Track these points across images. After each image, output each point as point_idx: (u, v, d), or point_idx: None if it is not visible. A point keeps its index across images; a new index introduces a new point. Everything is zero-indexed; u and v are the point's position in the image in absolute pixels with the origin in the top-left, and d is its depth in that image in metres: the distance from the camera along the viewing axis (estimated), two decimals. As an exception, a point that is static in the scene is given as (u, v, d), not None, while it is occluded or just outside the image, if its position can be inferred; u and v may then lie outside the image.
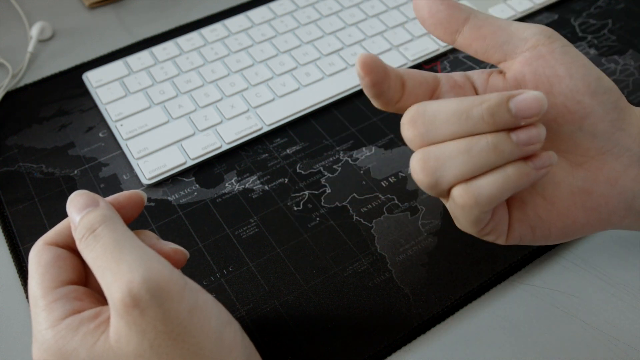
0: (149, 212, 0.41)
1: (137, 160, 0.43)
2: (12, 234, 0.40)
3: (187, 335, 0.24)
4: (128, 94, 0.48)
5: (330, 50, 0.50)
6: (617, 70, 0.49)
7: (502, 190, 0.29)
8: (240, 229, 0.40)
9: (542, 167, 0.29)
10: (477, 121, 0.28)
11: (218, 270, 0.38)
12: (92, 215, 0.27)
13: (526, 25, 0.32)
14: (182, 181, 0.43)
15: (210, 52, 0.51)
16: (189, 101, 0.47)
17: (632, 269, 0.37)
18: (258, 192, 0.42)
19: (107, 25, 0.55)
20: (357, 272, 0.37)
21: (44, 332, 0.25)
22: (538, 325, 0.35)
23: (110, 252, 0.25)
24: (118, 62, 0.50)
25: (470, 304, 0.36)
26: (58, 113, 0.48)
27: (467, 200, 0.29)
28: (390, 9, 0.54)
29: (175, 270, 0.25)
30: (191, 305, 0.25)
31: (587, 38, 0.52)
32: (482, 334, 0.35)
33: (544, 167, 0.29)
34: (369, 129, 0.46)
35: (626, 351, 0.34)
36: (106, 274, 0.25)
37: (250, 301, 0.36)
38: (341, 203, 0.41)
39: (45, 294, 0.26)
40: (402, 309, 0.35)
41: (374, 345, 0.34)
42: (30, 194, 0.42)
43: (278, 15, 0.54)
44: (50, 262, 0.27)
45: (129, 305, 0.24)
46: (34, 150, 0.45)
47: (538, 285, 0.37)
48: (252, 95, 0.47)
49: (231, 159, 0.44)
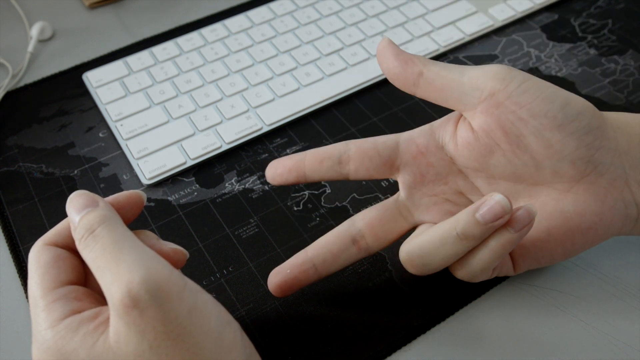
0: (149, 212, 0.41)
1: (137, 160, 0.43)
2: (12, 234, 0.40)
3: (187, 335, 0.24)
4: (128, 94, 0.48)
5: (330, 50, 0.50)
6: (617, 70, 0.49)
7: (492, 261, 0.31)
8: (240, 229, 0.40)
9: (522, 227, 0.29)
10: (458, 241, 0.30)
11: (218, 270, 0.38)
12: (92, 215, 0.27)
13: (480, 71, 0.32)
14: (182, 181, 0.43)
15: (210, 52, 0.51)
16: (189, 101, 0.47)
17: (632, 269, 0.37)
18: (258, 192, 0.42)
19: (107, 25, 0.55)
20: (357, 272, 0.37)
21: (44, 332, 0.25)
22: (538, 325, 0.35)
23: (110, 252, 0.25)
24: (118, 62, 0.50)
25: (470, 304, 0.36)
26: (58, 113, 0.48)
27: (465, 275, 0.32)
28: (390, 9, 0.54)
29: (174, 271, 0.25)
30: (191, 305, 0.25)
31: (587, 38, 0.52)
32: (482, 334, 0.35)
33: (525, 226, 0.29)
34: (369, 129, 0.46)
35: (626, 351, 0.34)
36: (105, 274, 0.25)
37: (250, 301, 0.36)
38: (341, 203, 0.41)
39: (45, 294, 0.26)
40: (402, 309, 0.35)
41: (374, 345, 0.34)
42: (30, 194, 0.42)
43: (278, 15, 0.54)
44: (49, 262, 0.27)
45: (128, 306, 0.24)
46: (34, 150, 0.45)
47: (538, 285, 0.37)
48: (252, 95, 0.47)
49: (231, 159, 0.44)
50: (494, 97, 0.31)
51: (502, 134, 0.31)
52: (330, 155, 0.34)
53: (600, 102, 0.46)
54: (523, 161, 0.32)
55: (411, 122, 0.46)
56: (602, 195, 0.32)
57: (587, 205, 0.32)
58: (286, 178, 0.35)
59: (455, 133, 0.33)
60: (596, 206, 0.32)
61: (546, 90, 0.31)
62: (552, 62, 0.50)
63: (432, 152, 0.34)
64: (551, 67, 0.50)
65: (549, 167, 0.32)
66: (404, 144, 0.34)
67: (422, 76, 0.32)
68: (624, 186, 0.32)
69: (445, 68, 0.32)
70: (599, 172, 0.31)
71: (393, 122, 0.46)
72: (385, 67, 0.34)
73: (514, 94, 0.31)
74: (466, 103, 0.32)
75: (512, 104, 0.31)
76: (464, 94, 0.32)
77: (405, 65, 0.33)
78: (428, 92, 0.33)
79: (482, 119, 0.32)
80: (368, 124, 0.46)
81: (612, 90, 0.47)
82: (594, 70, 0.49)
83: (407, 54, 0.33)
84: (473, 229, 0.29)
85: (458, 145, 0.33)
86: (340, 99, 0.48)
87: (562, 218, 0.32)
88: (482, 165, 0.33)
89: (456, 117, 0.34)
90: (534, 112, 0.31)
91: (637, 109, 0.46)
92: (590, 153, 0.31)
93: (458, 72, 0.32)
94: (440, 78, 0.32)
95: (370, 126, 0.46)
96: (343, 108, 0.47)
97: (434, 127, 0.34)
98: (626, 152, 0.32)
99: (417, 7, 0.54)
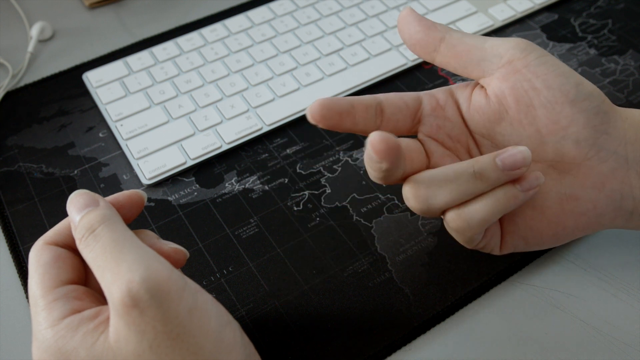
0: (149, 212, 0.41)
1: (137, 160, 0.43)
2: (12, 234, 0.40)
3: (187, 335, 0.24)
4: (128, 94, 0.48)
5: (330, 50, 0.50)
6: (617, 70, 0.49)
7: (492, 214, 0.31)
8: (240, 229, 0.40)
9: (529, 188, 0.30)
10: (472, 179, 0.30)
11: (218, 270, 0.38)
12: (92, 215, 0.27)
13: (501, 40, 0.33)
14: (182, 181, 0.43)
15: (210, 52, 0.51)
16: (189, 101, 0.47)
17: (632, 269, 0.37)
18: (258, 192, 0.42)
19: (107, 25, 0.55)
20: (357, 272, 0.37)
21: (44, 331, 0.25)
22: (538, 325, 0.35)
23: (110, 252, 0.25)
24: (118, 62, 0.50)
25: (470, 304, 0.36)
26: (58, 113, 0.48)
27: (460, 224, 0.31)
28: (390, 9, 0.54)
29: (175, 271, 0.25)
30: (190, 305, 0.25)
31: (587, 38, 0.52)
32: (482, 334, 0.35)
33: (531, 189, 0.30)
34: (369, 129, 0.46)
35: (626, 351, 0.34)
36: (106, 274, 0.25)
37: (250, 301, 0.36)
38: (341, 203, 0.41)
39: (45, 293, 0.26)
40: (402, 309, 0.35)
41: (374, 345, 0.34)
42: (30, 194, 0.42)
43: (278, 15, 0.54)
44: (50, 261, 0.27)
45: (128, 305, 0.24)
46: (34, 150, 0.45)
47: (538, 285, 0.37)
48: (252, 95, 0.47)
49: (231, 159, 0.44)
50: (513, 64, 0.32)
51: (513, 100, 0.32)
52: (370, 104, 0.33)
53: (600, 102, 0.46)
54: (528, 133, 0.32)
55: (411, 122, 0.46)
56: (600, 183, 0.32)
57: (583, 190, 0.32)
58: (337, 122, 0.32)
59: (470, 97, 0.34)
60: (593, 193, 0.32)
61: (562, 67, 0.32)
62: (552, 62, 0.50)
63: (449, 107, 0.34)
64: (551, 67, 0.50)
65: (553, 143, 0.32)
66: (426, 97, 0.34)
67: (444, 41, 0.33)
68: (624, 177, 0.32)
69: (467, 35, 0.33)
70: (600, 158, 0.32)
71: (393, 122, 0.46)
72: (407, 33, 0.34)
73: (532, 64, 0.32)
74: (485, 69, 0.33)
75: (529, 72, 0.32)
76: (484, 59, 0.33)
77: (428, 30, 0.33)
78: (448, 58, 0.33)
79: (497, 84, 0.32)
80: (368, 124, 0.46)
81: (612, 90, 0.47)
82: (594, 70, 0.49)
83: (429, 20, 0.34)
84: (490, 171, 0.30)
85: (470, 109, 0.34)
86: (340, 99, 0.48)
87: (557, 199, 0.32)
88: (489, 132, 0.33)
89: (474, 83, 0.35)
90: (548, 84, 0.31)
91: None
92: (595, 136, 0.32)
93: (480, 39, 0.33)
94: (462, 43, 0.33)
95: (370, 126, 0.46)
96: (343, 108, 0.47)
97: (452, 88, 0.35)
98: (632, 143, 0.32)
99: (417, 7, 0.54)
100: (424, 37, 0.33)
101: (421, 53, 0.34)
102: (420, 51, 0.34)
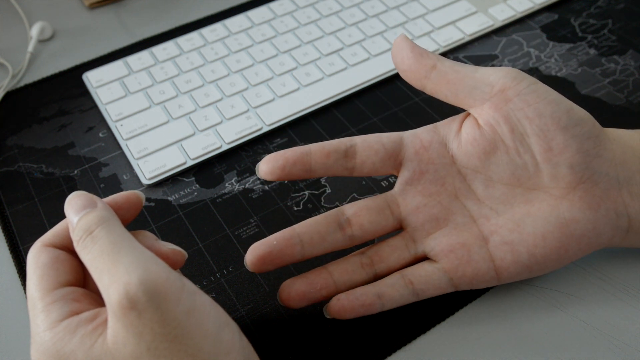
0: (149, 212, 0.41)
1: (137, 160, 0.43)
2: (12, 234, 0.40)
3: (185, 337, 0.24)
4: (128, 94, 0.48)
5: (330, 50, 0.50)
6: (617, 70, 0.49)
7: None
8: (240, 229, 0.40)
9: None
10: None
11: (218, 270, 0.38)
12: (90, 216, 0.27)
13: (492, 69, 0.33)
14: (182, 181, 0.43)
15: (210, 52, 0.51)
16: (189, 101, 0.47)
17: (632, 269, 0.37)
18: (258, 192, 0.42)
19: (107, 25, 0.55)
20: (357, 272, 0.37)
21: (42, 334, 0.25)
22: (538, 325, 0.35)
23: (108, 253, 0.25)
24: (118, 62, 0.50)
25: (470, 304, 0.36)
26: (58, 113, 0.48)
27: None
28: (390, 9, 0.54)
29: (172, 272, 0.25)
30: (188, 306, 0.25)
31: (587, 38, 0.52)
32: (482, 334, 0.35)
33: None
34: (369, 129, 0.46)
35: (626, 351, 0.34)
36: (103, 276, 0.25)
37: (250, 301, 0.36)
38: (341, 203, 0.41)
39: (43, 295, 0.26)
40: (402, 309, 0.35)
41: (374, 345, 0.34)
42: (30, 194, 0.42)
43: (278, 15, 0.54)
44: (48, 263, 0.27)
45: (126, 307, 0.24)
46: (34, 150, 0.45)
47: (538, 285, 0.37)
48: (252, 95, 0.47)
49: (231, 159, 0.44)
50: (504, 93, 0.32)
51: (508, 129, 0.32)
52: (337, 148, 0.34)
53: (600, 102, 0.46)
54: (524, 161, 0.33)
55: (411, 122, 0.46)
56: (596, 204, 0.32)
57: (581, 212, 0.32)
58: (289, 171, 0.33)
59: (459, 132, 0.34)
60: (590, 214, 0.32)
61: (553, 94, 0.32)
62: (552, 62, 0.50)
63: (434, 148, 0.34)
64: (551, 67, 0.50)
65: (548, 169, 0.32)
66: (408, 138, 0.35)
67: (435, 69, 0.33)
68: (617, 196, 0.33)
69: (458, 64, 0.34)
70: (594, 181, 0.32)
71: (393, 122, 0.46)
72: (400, 59, 0.34)
73: (523, 92, 0.32)
74: (476, 97, 0.33)
75: (520, 101, 0.32)
76: (475, 88, 0.33)
77: (420, 57, 0.34)
78: (439, 86, 0.34)
79: (490, 114, 0.33)
80: (368, 124, 0.46)
81: (612, 90, 0.47)
82: (594, 70, 0.49)
83: (422, 48, 0.34)
84: None
85: (462, 142, 0.34)
86: (340, 99, 0.48)
87: (557, 224, 0.32)
88: (483, 164, 0.33)
89: (461, 117, 0.35)
90: (540, 112, 0.32)
91: (637, 109, 0.46)
92: (588, 159, 0.32)
93: (470, 68, 0.33)
94: (453, 72, 0.33)
95: (370, 126, 0.46)
96: (343, 108, 0.47)
97: (437, 126, 0.35)
98: (621, 163, 0.33)
99: (417, 7, 0.54)
100: (415, 64, 0.34)
101: (412, 79, 0.34)
102: (411, 77, 0.34)
